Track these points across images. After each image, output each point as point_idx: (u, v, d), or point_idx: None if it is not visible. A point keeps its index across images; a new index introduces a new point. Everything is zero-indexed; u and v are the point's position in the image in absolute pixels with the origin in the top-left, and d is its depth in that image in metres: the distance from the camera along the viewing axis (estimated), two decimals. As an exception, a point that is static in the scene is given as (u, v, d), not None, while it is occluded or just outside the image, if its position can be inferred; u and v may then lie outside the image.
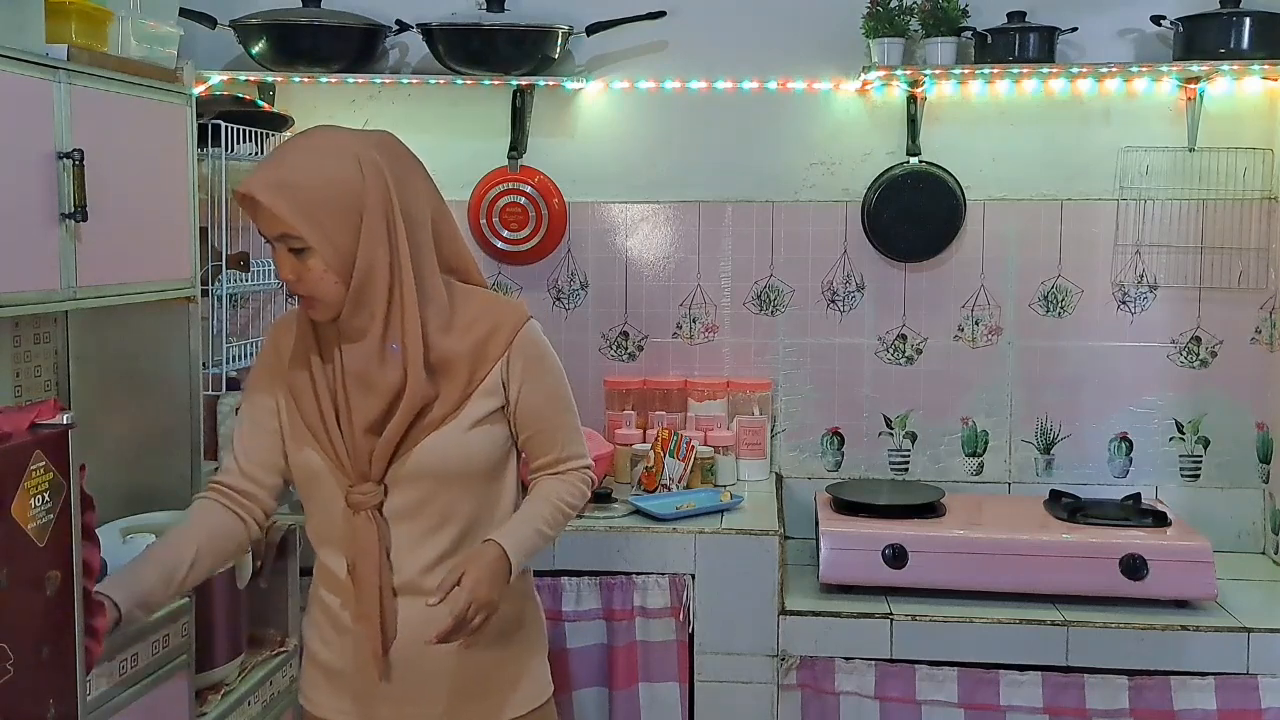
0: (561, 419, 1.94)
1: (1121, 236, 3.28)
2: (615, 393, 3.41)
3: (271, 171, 1.73)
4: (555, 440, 1.93)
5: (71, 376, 2.40)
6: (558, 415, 1.93)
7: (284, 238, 1.73)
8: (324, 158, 1.74)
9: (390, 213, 1.76)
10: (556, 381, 1.94)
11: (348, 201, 1.73)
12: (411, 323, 1.77)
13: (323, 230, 1.72)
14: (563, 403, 1.94)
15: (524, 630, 1.95)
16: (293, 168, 1.73)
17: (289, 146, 1.80)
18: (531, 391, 1.88)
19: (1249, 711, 2.67)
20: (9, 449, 1.41)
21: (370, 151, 1.77)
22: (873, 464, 3.41)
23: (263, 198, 1.70)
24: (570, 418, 1.96)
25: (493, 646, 1.88)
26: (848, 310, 3.39)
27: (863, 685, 2.79)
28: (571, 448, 1.95)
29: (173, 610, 2.04)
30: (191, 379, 2.39)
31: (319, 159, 1.74)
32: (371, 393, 1.78)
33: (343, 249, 1.74)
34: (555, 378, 1.93)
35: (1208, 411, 3.30)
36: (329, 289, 1.75)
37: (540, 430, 1.91)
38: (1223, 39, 3.02)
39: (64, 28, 1.97)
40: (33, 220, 1.83)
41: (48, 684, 1.49)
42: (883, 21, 3.16)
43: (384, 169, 1.77)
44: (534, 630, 1.99)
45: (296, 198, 1.70)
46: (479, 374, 1.83)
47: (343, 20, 3.23)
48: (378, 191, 1.75)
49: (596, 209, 3.44)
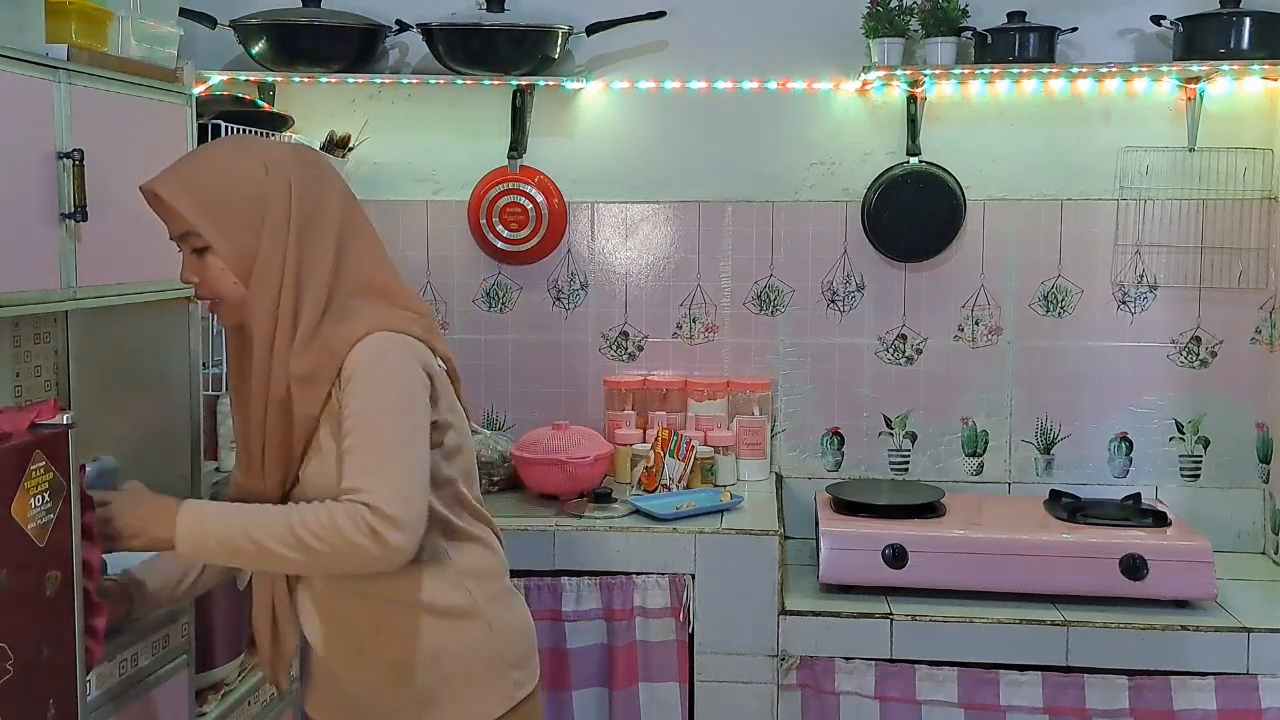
0: (360, 442, 1.63)
1: (1121, 236, 3.28)
2: (615, 393, 3.41)
3: (176, 169, 1.73)
4: (346, 466, 1.63)
5: (71, 376, 2.39)
6: (358, 437, 1.63)
7: (186, 236, 1.72)
8: (229, 158, 1.74)
9: (292, 219, 1.72)
10: (371, 405, 1.65)
11: (250, 202, 1.71)
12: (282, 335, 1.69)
13: (222, 228, 1.70)
14: (367, 425, 1.64)
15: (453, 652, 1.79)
16: (196, 166, 1.74)
17: (198, 149, 1.82)
18: (345, 410, 1.66)
19: (1249, 711, 2.67)
20: (9, 449, 1.41)
21: (279, 157, 1.75)
22: (873, 464, 3.41)
23: (164, 193, 1.69)
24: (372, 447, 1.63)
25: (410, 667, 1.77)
26: (848, 310, 3.39)
27: (863, 685, 2.79)
28: (353, 480, 1.62)
29: (173, 610, 2.03)
30: (191, 379, 2.39)
31: (224, 159, 1.74)
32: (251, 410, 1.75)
33: (242, 250, 1.70)
34: (371, 400, 1.65)
35: (1208, 411, 3.30)
36: (228, 289, 1.72)
37: (343, 452, 1.64)
38: (1223, 39, 3.02)
39: (64, 28, 1.96)
40: (33, 220, 1.83)
41: (48, 684, 1.49)
42: (883, 21, 3.16)
43: (290, 174, 1.74)
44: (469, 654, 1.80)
45: (197, 194, 1.69)
46: (317, 396, 1.69)
47: (343, 20, 3.23)
48: (280, 195, 1.72)
49: (596, 209, 3.44)
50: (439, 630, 1.77)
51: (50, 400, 1.57)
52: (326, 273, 1.72)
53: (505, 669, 1.82)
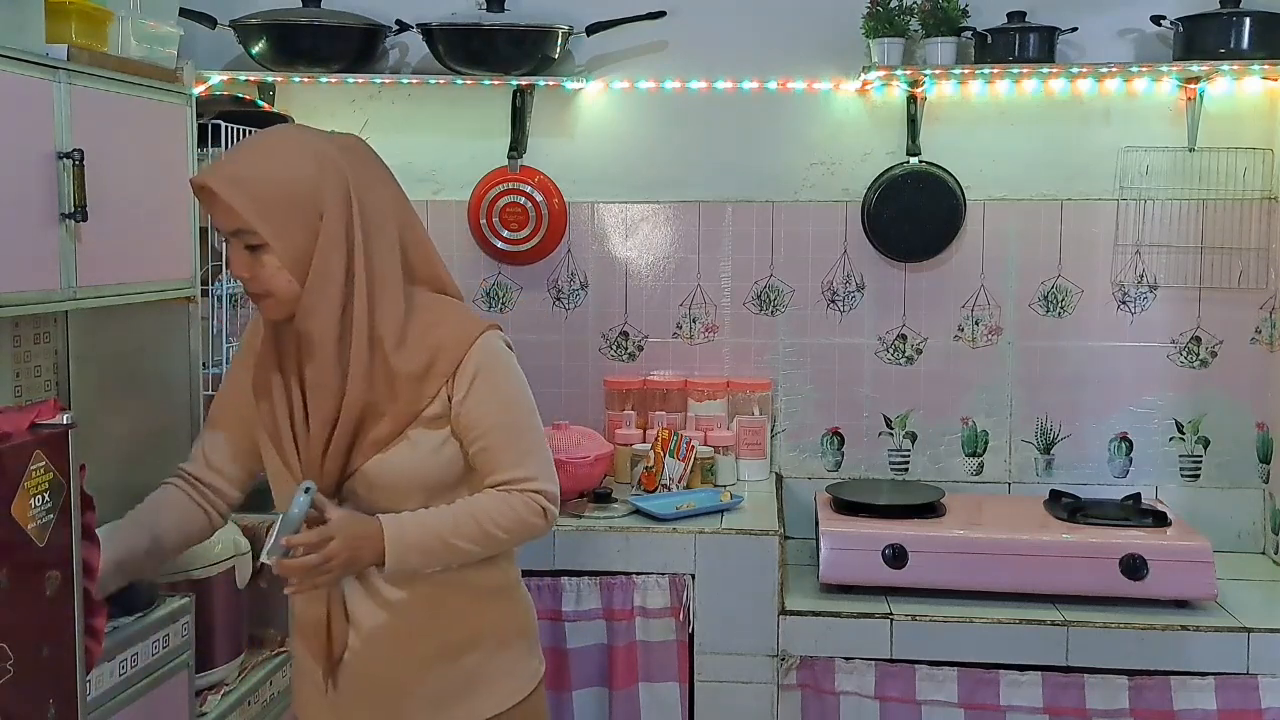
0: (507, 438, 1.80)
1: (1121, 236, 3.28)
2: (615, 393, 3.41)
3: (230, 165, 1.71)
4: (498, 460, 1.80)
5: (71, 376, 2.39)
6: (503, 434, 1.80)
7: (239, 233, 1.71)
8: (284, 154, 1.72)
9: (349, 216, 1.73)
10: (505, 399, 1.81)
11: (306, 200, 1.70)
12: (360, 333, 1.73)
13: (278, 227, 1.69)
14: (510, 421, 1.81)
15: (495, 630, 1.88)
16: (251, 163, 1.71)
17: (249, 142, 1.78)
18: (471, 407, 1.78)
19: (1249, 711, 2.67)
20: (9, 449, 1.41)
21: (332, 152, 1.74)
22: (873, 464, 3.41)
23: (220, 191, 1.67)
24: (522, 437, 1.82)
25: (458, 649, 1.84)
26: (848, 310, 3.39)
27: (863, 685, 2.79)
28: (516, 470, 1.80)
29: (173, 610, 2.03)
30: (191, 379, 2.38)
31: (279, 155, 1.72)
32: (324, 401, 1.75)
33: (298, 248, 1.70)
34: (504, 395, 1.81)
35: (1208, 411, 3.30)
36: (282, 287, 1.72)
37: (483, 449, 1.79)
38: (1223, 39, 3.02)
39: (64, 28, 1.96)
40: (33, 220, 1.82)
41: (48, 684, 1.49)
42: (883, 21, 3.16)
43: (345, 171, 1.74)
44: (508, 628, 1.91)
45: (253, 192, 1.67)
46: (427, 391, 1.76)
47: (343, 20, 3.23)
48: (337, 193, 1.72)
49: (596, 209, 3.44)
50: (483, 608, 1.86)
51: (50, 400, 1.57)
52: (396, 268, 1.77)
53: (530, 645, 1.94)
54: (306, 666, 1.90)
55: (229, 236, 1.73)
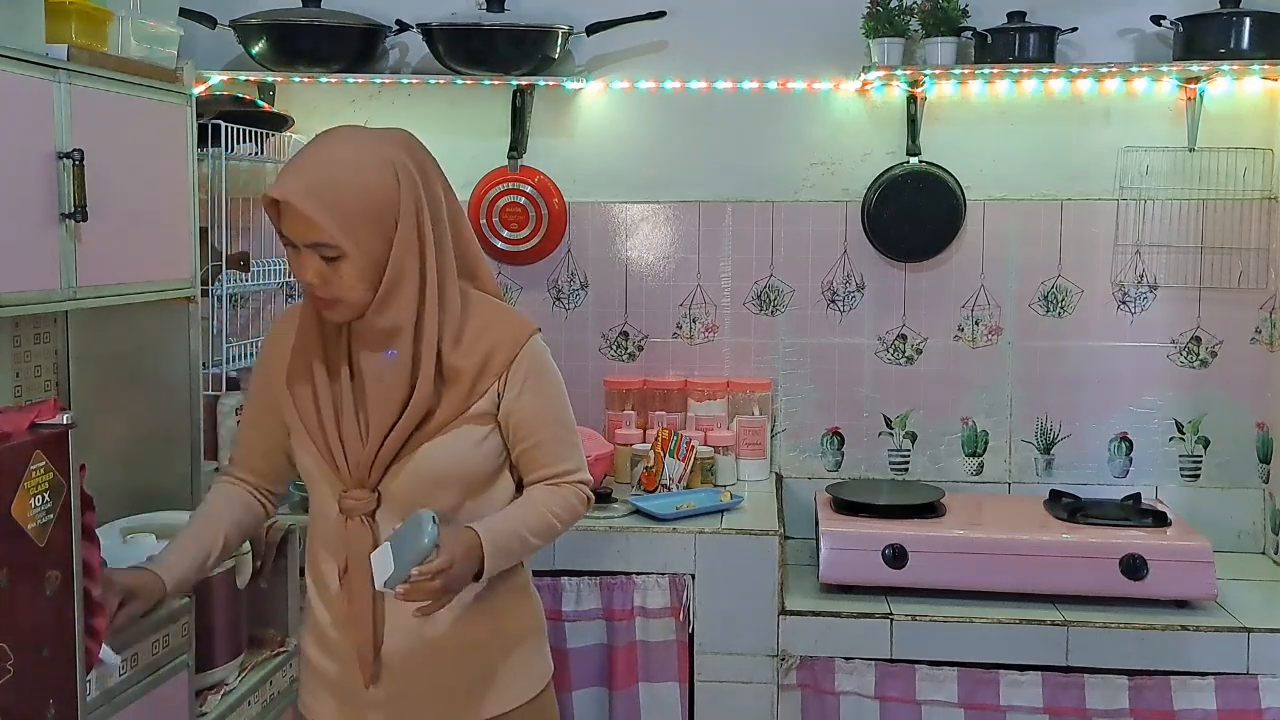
0: (556, 434, 1.90)
1: (1121, 236, 3.29)
2: (615, 393, 3.41)
3: (305, 177, 1.69)
4: (550, 455, 1.89)
5: (71, 376, 2.39)
6: (552, 430, 1.89)
7: (318, 246, 1.70)
8: (359, 164, 1.71)
9: (421, 220, 1.76)
10: (553, 397, 1.90)
11: (385, 210, 1.72)
12: (430, 332, 1.77)
13: (358, 238, 1.70)
14: (558, 419, 1.90)
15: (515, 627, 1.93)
16: (328, 175, 1.69)
17: (322, 151, 1.73)
18: (526, 405, 1.85)
19: (1249, 711, 2.67)
20: (9, 449, 1.42)
21: (402, 156, 1.75)
22: (873, 464, 3.41)
23: (301, 206, 1.66)
24: (567, 434, 1.92)
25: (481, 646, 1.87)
26: (848, 310, 3.39)
27: (863, 685, 2.79)
28: (567, 464, 1.91)
29: (173, 610, 2.03)
30: (191, 379, 2.38)
31: (354, 165, 1.71)
32: (389, 399, 1.77)
33: (375, 256, 1.72)
34: (552, 394, 1.90)
35: (1208, 411, 3.30)
36: (357, 295, 1.74)
37: (535, 444, 1.87)
38: (1223, 39, 3.02)
39: (64, 28, 1.96)
40: (33, 220, 1.83)
41: (48, 684, 1.49)
42: (883, 21, 3.16)
43: (415, 175, 1.76)
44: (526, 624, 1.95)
45: (336, 206, 1.67)
46: (480, 388, 1.81)
47: (343, 20, 3.23)
48: (411, 199, 1.74)
49: (596, 209, 3.44)
50: (507, 602, 1.90)
51: (50, 400, 1.57)
52: (453, 265, 1.82)
53: (542, 643, 1.98)
54: (322, 666, 1.90)
55: (302, 246, 1.71)
